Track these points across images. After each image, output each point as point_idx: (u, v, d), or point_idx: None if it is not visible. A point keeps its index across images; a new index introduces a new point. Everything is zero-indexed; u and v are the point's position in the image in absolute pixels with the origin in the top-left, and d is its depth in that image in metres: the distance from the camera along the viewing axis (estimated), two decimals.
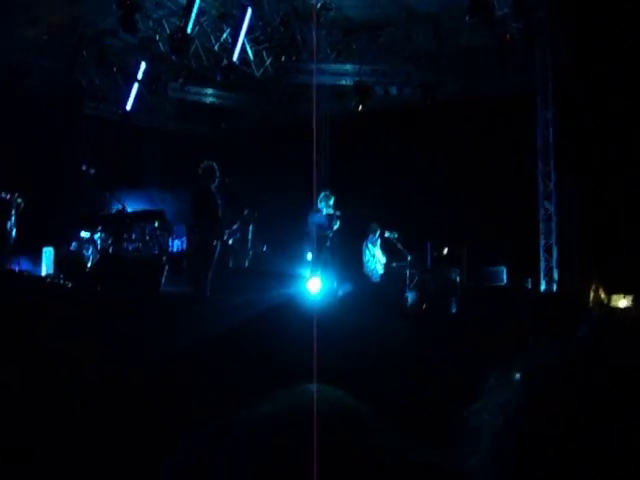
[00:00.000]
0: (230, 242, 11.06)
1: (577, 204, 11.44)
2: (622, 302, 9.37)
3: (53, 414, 3.01)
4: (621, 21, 10.25)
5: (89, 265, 9.76)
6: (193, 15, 10.97)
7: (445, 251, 11.63)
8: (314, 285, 9.66)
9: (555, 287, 11.24)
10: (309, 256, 10.58)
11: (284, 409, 0.94)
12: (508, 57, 11.39)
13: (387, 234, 11.70)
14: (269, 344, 4.55)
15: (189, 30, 11.12)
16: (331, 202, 10.37)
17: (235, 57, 11.76)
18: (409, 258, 11.27)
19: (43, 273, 9.46)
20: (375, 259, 12.00)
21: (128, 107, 13.41)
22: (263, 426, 0.91)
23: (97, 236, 10.23)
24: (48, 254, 9.78)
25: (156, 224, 11.02)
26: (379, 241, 12.00)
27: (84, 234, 10.37)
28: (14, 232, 8.96)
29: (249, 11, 11.34)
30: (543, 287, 11.21)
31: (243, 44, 12.09)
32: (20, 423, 2.78)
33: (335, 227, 10.24)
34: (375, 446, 0.87)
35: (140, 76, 13.25)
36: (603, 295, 9.62)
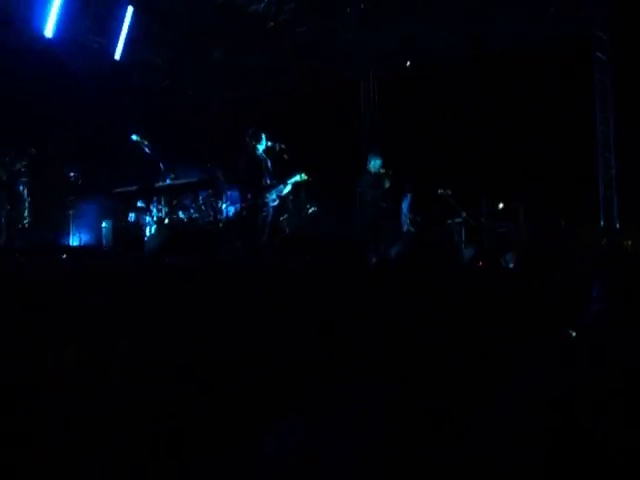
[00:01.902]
0: (283, 204, 11.08)
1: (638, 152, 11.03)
2: None
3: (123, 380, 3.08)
4: None
5: (147, 235, 9.95)
6: None
7: (500, 206, 11.42)
8: (369, 251, 9.62)
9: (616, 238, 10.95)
10: (362, 219, 10.52)
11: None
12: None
13: (440, 191, 11.51)
14: (326, 310, 4.56)
15: None
16: (380, 162, 10.25)
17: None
18: (464, 214, 11.11)
19: (103, 245, 9.72)
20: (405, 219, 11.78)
21: None
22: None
23: (153, 206, 10.41)
24: (107, 227, 10.04)
25: (210, 190, 11.13)
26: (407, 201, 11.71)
27: (140, 205, 10.57)
28: (73, 206, 9.23)
29: None
30: (604, 240, 10.93)
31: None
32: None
33: (387, 186, 10.14)
34: None
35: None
36: None
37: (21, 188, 8.49)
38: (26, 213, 8.48)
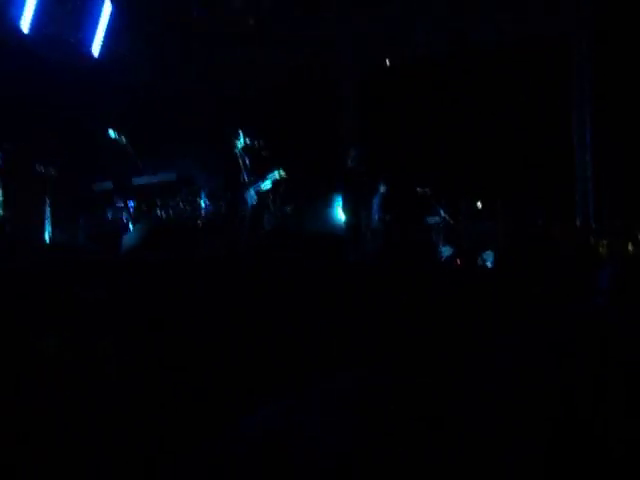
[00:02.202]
0: (261, 204, 11.05)
1: (616, 150, 11.16)
2: None
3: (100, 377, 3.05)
4: None
5: (124, 233, 9.86)
6: None
7: (479, 205, 11.49)
8: (348, 246, 9.63)
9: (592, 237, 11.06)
10: (341, 214, 10.53)
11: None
12: None
13: (419, 189, 11.55)
14: (304, 300, 4.55)
15: None
16: (361, 159, 10.26)
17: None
18: (442, 213, 11.17)
19: (80, 243, 9.60)
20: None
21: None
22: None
23: (131, 204, 10.32)
24: (83, 224, 9.92)
25: (188, 189, 11.07)
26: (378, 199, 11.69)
27: (118, 203, 10.47)
28: (49, 204, 9.10)
29: None
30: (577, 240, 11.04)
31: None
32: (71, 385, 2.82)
33: (367, 184, 10.16)
34: None
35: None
36: None
37: None
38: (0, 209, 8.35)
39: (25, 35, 10.98)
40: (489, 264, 10.30)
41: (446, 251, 10.97)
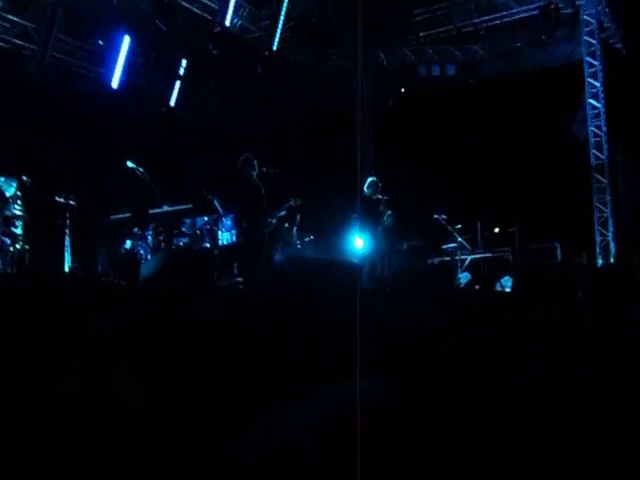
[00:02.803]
0: (278, 232, 11.10)
1: (632, 174, 11.10)
2: None
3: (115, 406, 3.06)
4: None
5: (142, 262, 9.93)
6: (231, 7, 11.01)
7: (496, 230, 11.44)
8: (365, 272, 9.62)
9: (612, 261, 10.95)
10: (359, 243, 10.52)
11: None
12: (554, 27, 11.08)
13: (435, 216, 11.53)
14: (318, 330, 4.54)
15: (227, 23, 11.16)
16: (378, 187, 10.27)
17: (274, 46, 11.75)
18: (459, 239, 11.13)
19: (98, 273, 9.69)
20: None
21: (172, 103, 13.57)
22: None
23: (149, 233, 10.41)
24: (102, 255, 10.03)
25: (205, 218, 11.16)
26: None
27: (136, 232, 10.57)
28: (69, 234, 9.21)
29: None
30: (600, 262, 10.93)
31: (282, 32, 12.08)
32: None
33: (384, 212, 10.16)
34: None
35: (181, 72, 13.38)
36: None
37: (16, 214, 8.48)
38: (20, 240, 8.46)
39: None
40: (508, 289, 10.21)
41: (464, 277, 10.91)
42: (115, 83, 12.42)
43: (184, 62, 13.23)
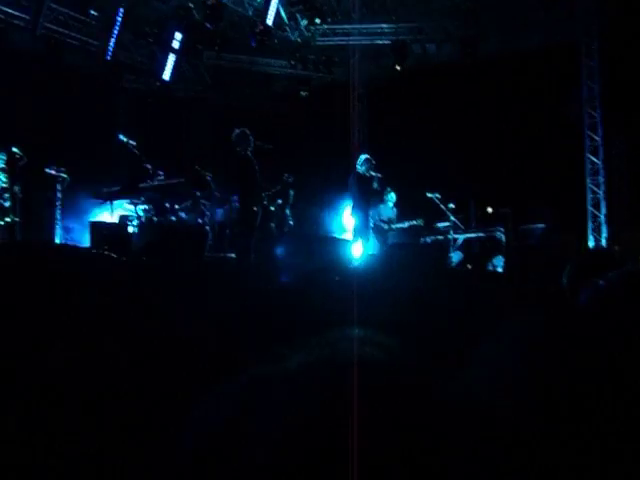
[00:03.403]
0: (272, 208, 11.07)
1: (625, 156, 11.08)
2: None
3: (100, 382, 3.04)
4: None
5: (133, 236, 9.89)
6: None
7: (489, 210, 11.42)
8: (357, 249, 9.63)
9: (604, 243, 10.98)
10: (351, 219, 10.51)
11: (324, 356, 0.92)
12: (552, 5, 10.99)
13: (429, 194, 11.49)
14: (310, 308, 4.50)
15: None
16: (371, 165, 10.24)
17: (269, 21, 11.63)
18: (452, 218, 11.10)
19: (89, 245, 9.63)
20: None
21: (166, 77, 13.44)
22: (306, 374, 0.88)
23: (140, 207, 10.35)
24: (94, 227, 9.96)
25: (198, 193, 11.11)
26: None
27: (128, 206, 10.51)
28: (60, 207, 9.15)
29: None
30: (591, 244, 10.96)
31: (277, 8, 11.94)
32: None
33: (376, 189, 10.13)
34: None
35: (176, 46, 13.23)
36: None
37: (6, 186, 8.42)
38: (11, 212, 8.40)
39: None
40: (500, 269, 10.24)
41: (456, 256, 10.92)
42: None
43: (178, 35, 13.06)
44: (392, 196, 11.08)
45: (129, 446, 1.76)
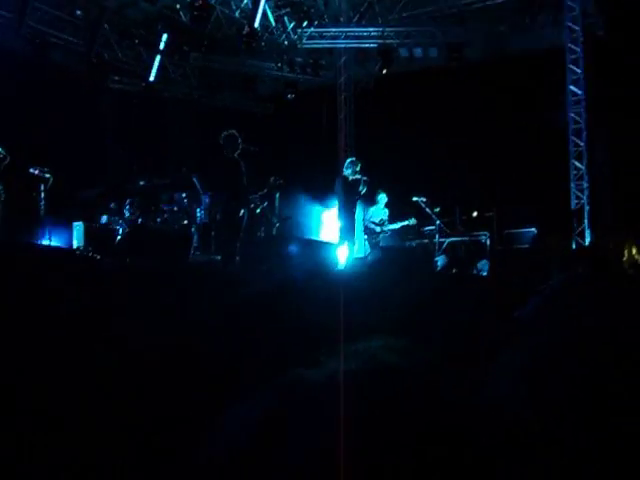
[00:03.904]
0: (258, 210, 11.05)
1: (610, 162, 11.17)
2: None
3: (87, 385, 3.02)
4: None
5: (118, 237, 9.84)
6: None
7: (474, 214, 11.46)
8: (342, 253, 9.61)
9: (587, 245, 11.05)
10: (337, 223, 10.51)
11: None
12: (537, 11, 11.08)
13: (415, 198, 11.51)
14: (297, 312, 4.51)
15: None
16: (357, 168, 10.24)
17: (256, 24, 11.62)
18: (438, 222, 11.13)
19: (74, 247, 9.57)
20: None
21: (151, 79, 13.39)
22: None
23: (126, 209, 10.31)
24: (78, 228, 9.89)
25: (184, 194, 11.07)
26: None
27: (113, 207, 10.46)
28: (43, 207, 9.07)
29: None
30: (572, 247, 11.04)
31: (264, 10, 11.93)
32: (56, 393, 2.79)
33: (363, 193, 10.13)
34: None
35: (162, 47, 13.19)
36: (637, 255, 9.42)
37: None
38: None
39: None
40: (484, 273, 10.28)
41: (440, 260, 10.94)
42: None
43: (164, 36, 13.02)
44: (383, 197, 11.08)
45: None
